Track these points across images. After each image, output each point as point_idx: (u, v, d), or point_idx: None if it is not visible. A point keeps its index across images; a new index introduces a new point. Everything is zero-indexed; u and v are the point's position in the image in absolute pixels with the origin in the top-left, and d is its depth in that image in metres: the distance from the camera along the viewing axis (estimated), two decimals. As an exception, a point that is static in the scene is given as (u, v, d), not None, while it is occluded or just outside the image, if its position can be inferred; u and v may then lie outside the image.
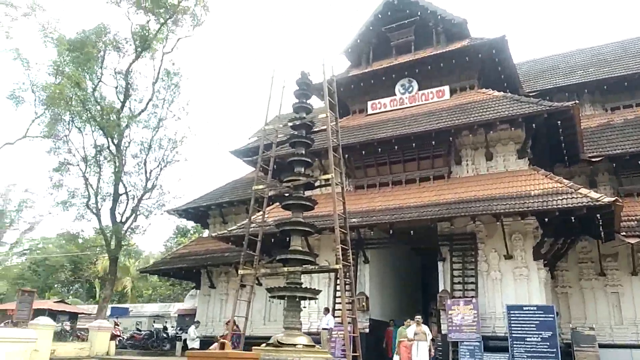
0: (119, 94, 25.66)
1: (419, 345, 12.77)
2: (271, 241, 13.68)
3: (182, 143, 26.70)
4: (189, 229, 42.85)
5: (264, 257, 13.75)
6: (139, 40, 24.65)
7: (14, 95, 23.57)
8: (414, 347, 12.87)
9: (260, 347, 9.27)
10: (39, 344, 16.96)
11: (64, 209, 27.02)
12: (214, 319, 21.05)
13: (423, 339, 12.86)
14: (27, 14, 23.78)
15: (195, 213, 24.13)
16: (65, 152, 25.22)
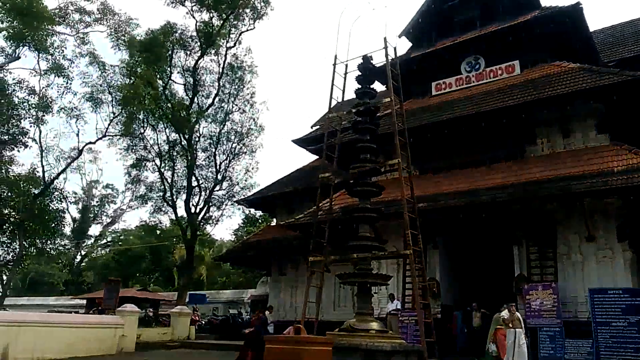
0: (187, 90, 26.78)
1: (516, 333, 11.72)
2: (338, 228, 13.74)
3: (248, 135, 27.46)
4: (258, 218, 44.09)
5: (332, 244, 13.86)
6: (203, 38, 25.47)
7: (93, 97, 25.16)
8: (509, 334, 11.95)
9: (333, 332, 9.40)
10: (126, 329, 18.23)
11: (142, 203, 28.82)
12: (285, 305, 21.56)
13: (519, 326, 11.94)
14: (99, 20, 25.25)
15: (263, 202, 24.76)
16: (141, 148, 26.78)
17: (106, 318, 18.70)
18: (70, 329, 16.56)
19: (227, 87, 27.08)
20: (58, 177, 24.73)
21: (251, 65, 27.50)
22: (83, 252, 50.95)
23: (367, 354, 8.46)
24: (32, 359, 14.30)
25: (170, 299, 30.06)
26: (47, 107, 23.54)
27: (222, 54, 26.53)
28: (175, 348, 19.23)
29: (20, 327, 14.49)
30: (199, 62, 26.18)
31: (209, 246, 43.77)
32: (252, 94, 27.72)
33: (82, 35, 24.97)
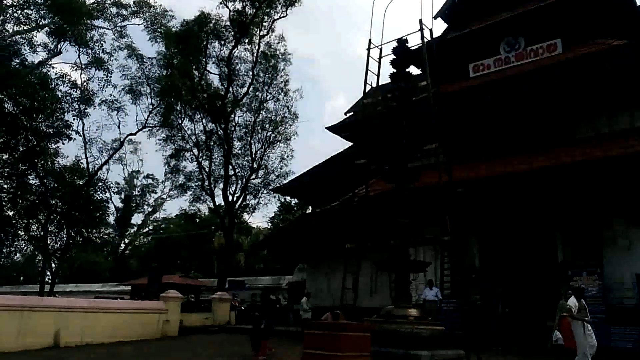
0: (222, 80, 27.12)
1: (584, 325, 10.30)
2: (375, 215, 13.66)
3: (282, 123, 27.59)
4: (293, 206, 44.40)
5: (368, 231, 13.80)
6: (237, 27, 25.62)
7: (132, 89, 25.79)
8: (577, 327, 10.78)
9: (371, 318, 9.40)
10: (169, 314, 18.80)
11: (181, 192, 29.52)
12: (322, 291, 21.69)
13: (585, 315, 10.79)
14: (135, 12, 25.73)
15: (298, 190, 24.89)
16: (179, 139, 27.38)
17: (150, 304, 19.32)
18: (116, 314, 17.22)
19: (261, 75, 27.25)
20: (101, 168, 25.64)
21: (284, 53, 27.54)
22: (126, 240, 52.72)
23: (406, 341, 8.42)
24: (81, 343, 14.97)
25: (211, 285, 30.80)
26: (89, 100, 24.30)
27: (255, 42, 26.68)
28: (216, 333, 19.72)
29: (69, 313, 15.18)
30: (234, 51, 26.43)
31: (247, 234, 44.45)
32: (285, 81, 27.82)
33: (119, 28, 25.58)
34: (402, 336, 8.44)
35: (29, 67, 22.38)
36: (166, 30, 25.15)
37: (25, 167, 22.67)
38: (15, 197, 24.04)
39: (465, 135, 16.97)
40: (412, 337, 8.43)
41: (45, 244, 23.56)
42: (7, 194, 24.24)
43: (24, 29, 22.75)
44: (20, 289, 41.26)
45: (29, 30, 22.87)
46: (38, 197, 23.44)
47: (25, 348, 13.82)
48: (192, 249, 47.55)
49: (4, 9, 21.75)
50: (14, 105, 20.86)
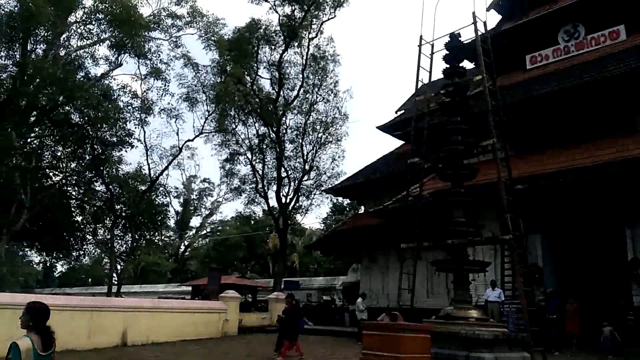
0: (273, 84, 27.55)
1: None
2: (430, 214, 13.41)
3: (333, 124, 27.66)
4: (345, 206, 44.40)
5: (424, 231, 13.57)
6: (286, 31, 25.97)
7: (189, 97, 26.68)
8: None
9: (429, 320, 9.22)
10: (229, 314, 19.28)
11: (236, 195, 30.25)
12: (377, 292, 21.56)
13: None
14: (189, 23, 26.60)
15: (350, 190, 24.85)
16: (233, 143, 28.06)
17: (210, 304, 19.91)
18: (178, 314, 17.87)
19: (310, 78, 27.46)
20: (162, 173, 26.65)
21: (333, 54, 27.60)
22: (186, 242, 54.66)
23: (467, 343, 8.21)
24: (147, 342, 15.62)
25: (267, 285, 31.33)
26: (149, 109, 25.35)
27: (304, 45, 26.93)
28: (274, 332, 20.00)
29: (136, 313, 15.90)
30: (284, 55, 26.79)
31: (300, 235, 44.87)
32: (335, 82, 27.86)
33: (175, 39, 26.52)
34: (463, 338, 8.24)
35: (93, 79, 23.68)
36: (219, 39, 25.85)
37: (91, 175, 23.99)
38: (83, 203, 25.51)
39: (524, 129, 16.33)
40: (474, 339, 8.20)
41: (111, 247, 24.80)
42: (75, 200, 25.76)
43: (87, 44, 24.09)
44: (89, 291, 43.76)
45: (91, 44, 24.20)
46: (104, 202, 24.75)
47: (95, 346, 14.59)
48: (247, 250, 48.61)
49: (69, 25, 23.14)
50: (80, 117, 22.13)
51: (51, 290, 45.96)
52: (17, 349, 3.60)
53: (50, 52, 22.06)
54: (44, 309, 3.93)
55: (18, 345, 3.61)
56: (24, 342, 3.66)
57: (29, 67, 20.06)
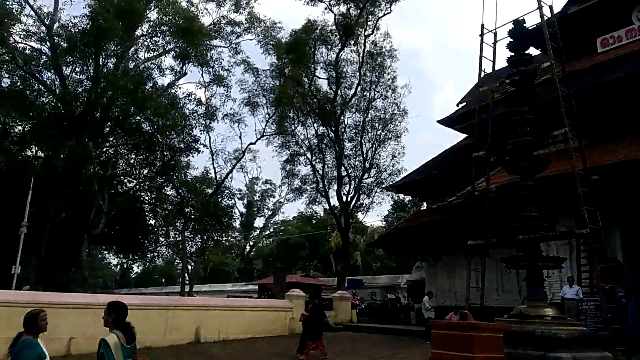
0: (331, 84, 27.72)
1: None
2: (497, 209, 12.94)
3: (392, 121, 27.41)
4: (407, 203, 43.80)
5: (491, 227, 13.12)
6: (342, 30, 26.04)
7: (250, 101, 27.42)
8: None
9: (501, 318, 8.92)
10: (295, 312, 19.57)
11: (298, 195, 30.70)
12: (443, 290, 21.07)
13: None
14: (248, 29, 27.32)
15: (411, 187, 24.46)
16: (293, 144, 28.51)
17: (277, 302, 20.32)
18: (247, 312, 18.39)
19: (368, 75, 27.36)
20: (227, 177, 27.55)
21: (390, 49, 27.34)
22: (251, 242, 56.15)
23: (543, 342, 7.86)
24: (218, 339, 16.19)
25: (330, 284, 31.53)
26: (213, 115, 26.35)
27: (361, 43, 26.88)
28: (339, 330, 20.11)
29: (207, 311, 16.53)
30: (340, 54, 26.87)
31: (362, 233, 44.78)
32: (393, 78, 27.59)
33: (234, 45, 27.36)
34: (538, 337, 7.88)
35: (160, 89, 24.91)
36: (277, 42, 26.39)
37: (162, 180, 25.24)
38: (156, 207, 26.86)
39: (596, 116, 15.36)
40: (550, 338, 7.83)
41: (183, 248, 25.93)
42: (148, 204, 27.17)
43: (153, 55, 25.41)
44: (163, 290, 45.98)
45: (157, 56, 25.49)
46: (174, 206, 25.93)
47: (171, 344, 15.29)
48: (310, 249, 49.17)
49: (136, 39, 24.47)
50: (150, 125, 23.35)
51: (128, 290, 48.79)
52: (107, 343, 4.00)
53: (120, 65, 23.43)
54: (122, 307, 4.32)
55: (107, 341, 4.01)
56: (111, 337, 4.06)
57: (102, 80, 21.40)
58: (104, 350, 4.02)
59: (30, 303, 13.41)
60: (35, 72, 22.58)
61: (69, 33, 22.34)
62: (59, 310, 13.56)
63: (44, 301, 13.77)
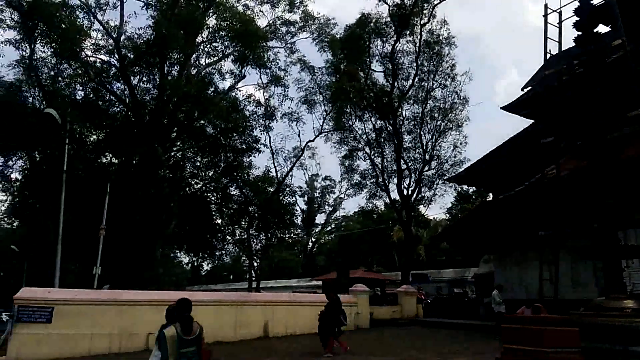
0: (387, 76, 27.47)
1: None
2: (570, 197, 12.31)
3: (452, 110, 26.77)
4: (471, 194, 42.62)
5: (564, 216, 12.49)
6: (397, 21, 25.73)
7: (307, 99, 27.76)
8: None
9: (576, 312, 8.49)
10: (359, 307, 19.64)
11: (358, 190, 30.72)
12: (513, 283, 20.34)
13: None
14: (302, 27, 27.63)
15: (475, 177, 23.76)
16: (351, 140, 28.54)
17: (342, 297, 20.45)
18: (312, 307, 18.57)
19: (425, 65, 26.87)
20: (287, 175, 28.06)
21: (448, 37, 26.69)
22: (313, 239, 56.83)
23: (624, 336, 7.41)
24: (286, 334, 16.57)
25: (394, 278, 31.30)
26: (272, 115, 26.95)
27: (417, 32, 26.43)
28: (406, 325, 19.97)
29: (274, 307, 16.96)
30: (396, 46, 26.58)
31: (425, 226, 44.10)
32: (452, 66, 26.93)
33: (290, 45, 27.79)
34: (618, 330, 7.45)
35: (221, 93, 25.77)
36: (331, 39, 26.52)
37: (227, 180, 26.12)
38: (221, 207, 27.84)
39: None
40: (632, 332, 7.37)
41: (249, 246, 26.75)
42: (214, 204, 28.20)
43: (214, 61, 26.31)
44: (232, 286, 47.60)
45: (217, 60, 26.36)
46: (239, 205, 26.77)
47: (241, 338, 15.85)
48: (372, 244, 49.03)
49: (197, 46, 25.44)
50: (213, 128, 24.25)
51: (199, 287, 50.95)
52: (163, 335, 4.44)
53: (183, 72, 24.47)
54: (184, 301, 4.74)
55: (164, 333, 4.45)
56: (169, 330, 4.47)
57: (167, 88, 22.45)
58: (160, 341, 4.46)
59: (111, 301, 14.46)
60: (106, 84, 24.07)
61: (134, 44, 23.63)
62: (137, 307, 14.47)
63: (123, 299, 14.77)
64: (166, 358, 4.38)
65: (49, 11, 20.37)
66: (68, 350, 12.91)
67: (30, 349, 12.58)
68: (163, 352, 4.40)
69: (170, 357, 4.44)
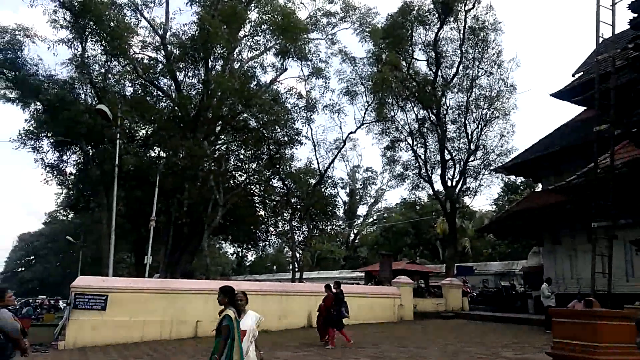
0: (430, 65, 26.93)
1: None
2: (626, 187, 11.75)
3: (498, 98, 26.00)
4: (519, 185, 41.36)
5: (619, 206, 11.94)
6: (440, 7, 25.14)
7: (348, 91, 27.61)
8: None
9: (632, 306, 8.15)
10: (403, 299, 19.57)
11: (400, 181, 30.39)
12: (564, 276, 19.68)
13: None
14: (343, 18, 27.44)
15: (523, 167, 23.03)
16: (393, 130, 28.21)
17: (385, 289, 20.45)
18: (357, 298, 18.70)
19: (470, 52, 26.16)
20: (329, 166, 28.06)
21: (494, 22, 25.83)
22: (355, 230, 56.80)
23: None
24: (330, 323, 16.68)
25: (438, 271, 30.90)
26: (313, 107, 26.96)
27: (461, 19, 25.74)
28: (450, 318, 19.74)
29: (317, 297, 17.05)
30: (439, 33, 25.99)
31: (470, 218, 43.21)
32: (498, 53, 26.08)
33: (331, 36, 27.67)
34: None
35: (263, 86, 26.04)
36: (372, 29, 26.22)
37: (270, 173, 26.45)
38: (264, 199, 28.23)
39: None
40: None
41: (292, 237, 27.01)
42: (258, 196, 28.64)
43: (256, 54, 26.59)
44: (275, 277, 48.42)
45: (259, 54, 26.63)
46: (282, 197, 27.07)
47: (286, 327, 16.14)
48: (415, 236, 48.51)
49: (239, 40, 25.78)
50: (256, 121, 24.57)
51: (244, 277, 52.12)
52: (230, 317, 5.08)
53: (226, 67, 24.88)
54: (233, 289, 5.39)
55: (229, 315, 5.09)
56: (231, 312, 5.13)
57: (212, 82, 22.91)
58: (229, 322, 5.04)
59: (161, 290, 15.04)
60: (153, 80, 24.81)
61: (180, 40, 24.19)
62: (186, 295, 15.01)
63: (173, 288, 15.34)
64: (233, 337, 5.02)
65: (99, 10, 21.15)
66: (122, 337, 13.55)
67: (87, 334, 13.28)
68: (232, 331, 5.04)
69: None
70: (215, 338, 5.09)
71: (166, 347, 12.68)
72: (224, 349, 4.98)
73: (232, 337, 5.01)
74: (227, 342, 5.01)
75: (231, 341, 5.01)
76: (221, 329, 5.04)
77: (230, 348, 4.99)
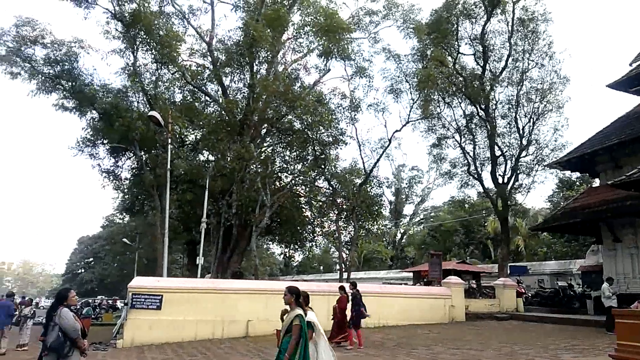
0: (477, 59, 26.27)
1: None
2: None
3: (551, 91, 25.02)
4: (574, 181, 39.60)
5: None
6: (487, 0, 24.47)
7: (393, 89, 27.30)
8: None
9: None
10: (454, 300, 19.15)
11: (447, 179, 29.77)
12: (626, 276, 18.67)
13: None
14: (386, 16, 27.16)
15: (579, 162, 21.97)
16: (440, 127, 27.68)
17: (434, 289, 20.08)
18: (404, 299, 18.51)
19: (519, 44, 25.32)
20: (375, 166, 27.83)
21: (544, 13, 24.86)
22: (401, 230, 56.12)
23: None
24: (378, 324, 16.59)
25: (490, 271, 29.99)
26: (357, 107, 26.82)
27: (509, 11, 24.97)
28: (504, 320, 19.13)
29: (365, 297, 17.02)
30: (486, 26, 25.30)
31: (523, 216, 41.76)
32: (549, 44, 25.09)
33: (374, 35, 27.44)
34: None
35: (307, 88, 26.15)
36: (416, 25, 25.80)
37: (315, 173, 26.55)
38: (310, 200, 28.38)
39: None
40: None
41: (338, 237, 27.00)
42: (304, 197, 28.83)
43: (299, 56, 26.77)
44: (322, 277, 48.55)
45: (302, 56, 26.77)
46: (327, 198, 27.11)
47: (331, 328, 16.13)
48: (464, 235, 47.36)
49: (283, 43, 26.03)
50: (300, 123, 24.73)
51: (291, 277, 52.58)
52: (302, 316, 5.20)
53: (271, 70, 25.20)
54: (298, 290, 5.49)
55: (301, 314, 5.21)
56: (302, 311, 5.25)
57: (257, 86, 23.27)
58: (301, 321, 5.14)
59: (212, 290, 15.41)
60: (201, 86, 25.50)
61: (225, 46, 24.72)
62: (236, 295, 15.30)
63: (223, 288, 15.69)
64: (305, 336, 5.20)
65: (149, 20, 21.94)
66: (176, 335, 13.98)
67: (144, 333, 13.79)
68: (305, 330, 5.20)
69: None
70: (284, 337, 5.14)
71: (218, 346, 12.97)
72: (295, 348, 5.02)
73: (305, 337, 5.11)
74: (299, 341, 5.06)
75: (304, 340, 5.11)
76: (292, 328, 5.09)
77: (304, 347, 5.09)
